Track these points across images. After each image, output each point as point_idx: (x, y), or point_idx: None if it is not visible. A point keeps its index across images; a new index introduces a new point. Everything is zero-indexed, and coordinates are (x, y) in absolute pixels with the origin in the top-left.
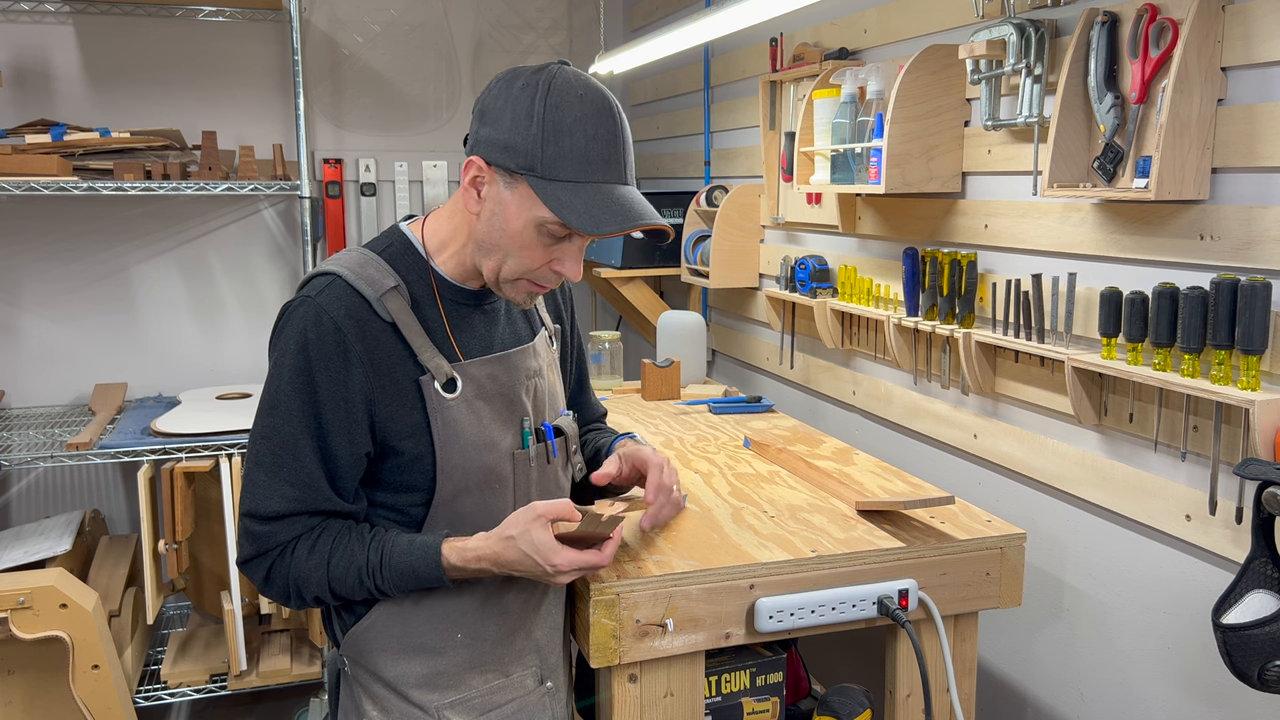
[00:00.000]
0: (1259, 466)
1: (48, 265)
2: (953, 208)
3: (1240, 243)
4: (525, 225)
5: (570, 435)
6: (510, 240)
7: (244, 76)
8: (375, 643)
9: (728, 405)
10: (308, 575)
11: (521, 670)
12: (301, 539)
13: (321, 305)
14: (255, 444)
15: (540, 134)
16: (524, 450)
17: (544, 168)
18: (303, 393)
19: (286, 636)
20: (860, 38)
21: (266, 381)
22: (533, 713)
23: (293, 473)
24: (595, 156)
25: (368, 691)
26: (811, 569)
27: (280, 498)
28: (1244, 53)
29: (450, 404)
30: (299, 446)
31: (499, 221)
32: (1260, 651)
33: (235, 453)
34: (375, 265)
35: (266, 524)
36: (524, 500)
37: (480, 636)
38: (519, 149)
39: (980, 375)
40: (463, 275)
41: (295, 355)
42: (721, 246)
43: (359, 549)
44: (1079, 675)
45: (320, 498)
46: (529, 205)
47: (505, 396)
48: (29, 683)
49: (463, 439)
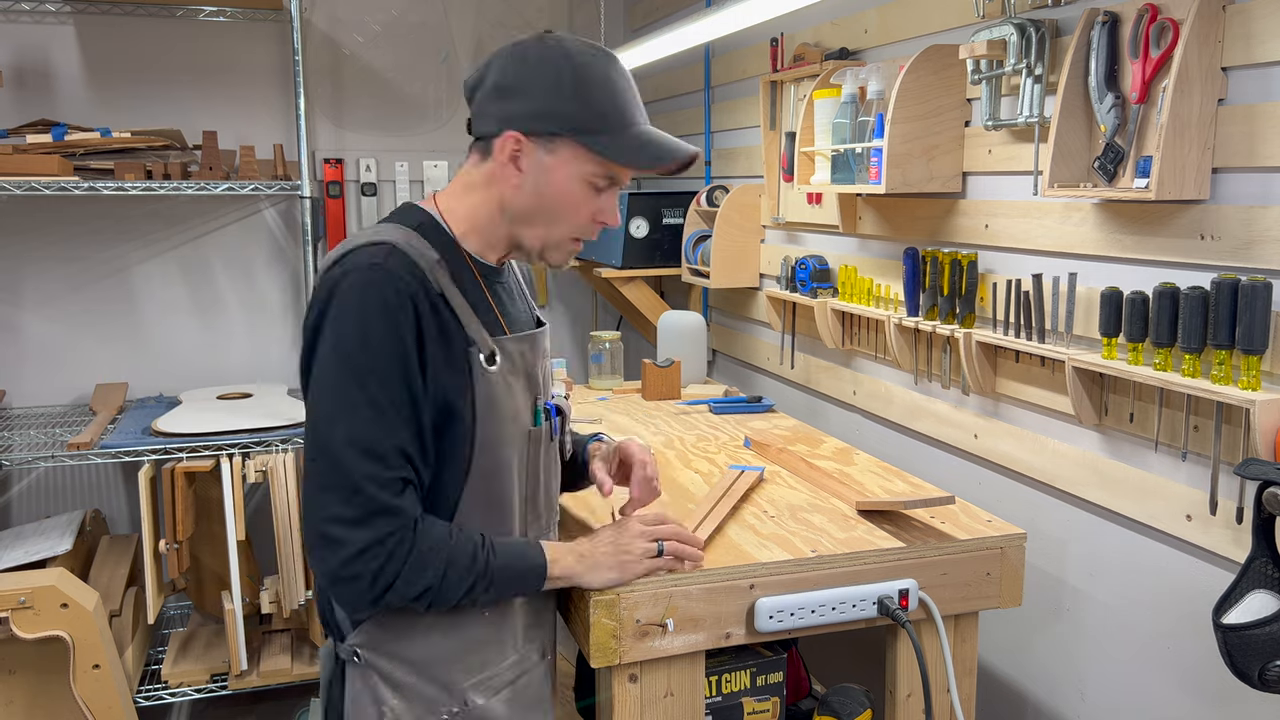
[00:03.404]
0: (1259, 466)
1: (49, 265)
2: (953, 208)
3: (1241, 243)
4: (571, 182)
5: (567, 415)
6: (557, 201)
7: (245, 76)
8: (401, 622)
9: (728, 405)
10: (426, 558)
11: (528, 645)
12: (421, 518)
13: (393, 270)
14: (347, 424)
15: (576, 93)
16: (538, 428)
17: (587, 123)
18: (396, 355)
19: (287, 636)
20: (861, 38)
21: (333, 360)
22: (540, 685)
23: (408, 436)
24: (624, 104)
25: (388, 679)
26: (811, 569)
27: (399, 456)
28: (1244, 53)
29: (493, 377)
30: (403, 411)
31: (544, 188)
32: (1261, 651)
33: (236, 452)
34: (418, 240)
35: (393, 492)
36: (533, 476)
37: (504, 611)
38: (559, 113)
39: (981, 375)
40: (483, 251)
41: (379, 319)
42: (722, 246)
43: (469, 536)
44: (1079, 675)
45: (425, 469)
46: (575, 163)
47: (527, 374)
48: (30, 682)
49: (498, 412)
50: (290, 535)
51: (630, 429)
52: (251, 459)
